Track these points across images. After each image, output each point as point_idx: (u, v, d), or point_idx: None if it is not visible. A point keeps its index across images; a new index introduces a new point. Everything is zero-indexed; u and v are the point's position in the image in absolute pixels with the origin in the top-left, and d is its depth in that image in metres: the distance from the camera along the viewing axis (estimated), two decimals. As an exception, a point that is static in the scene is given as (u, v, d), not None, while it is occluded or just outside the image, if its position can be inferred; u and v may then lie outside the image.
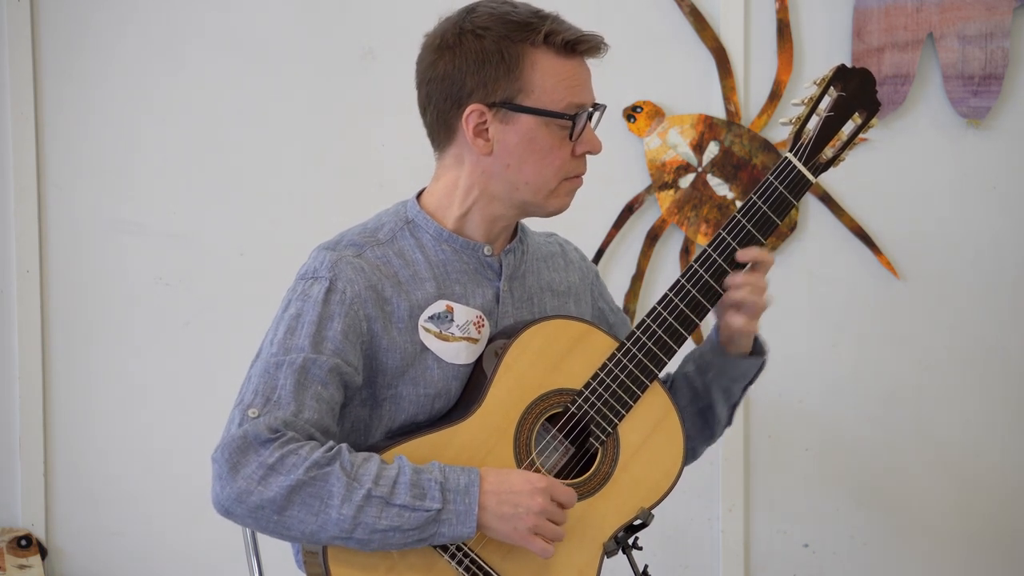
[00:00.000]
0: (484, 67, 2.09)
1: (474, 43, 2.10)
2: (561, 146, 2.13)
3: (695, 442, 2.34)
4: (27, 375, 3.23)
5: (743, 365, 2.26)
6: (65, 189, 3.25)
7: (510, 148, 2.11)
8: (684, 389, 2.32)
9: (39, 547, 3.21)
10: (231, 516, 2.00)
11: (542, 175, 2.13)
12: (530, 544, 2.02)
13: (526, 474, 2.03)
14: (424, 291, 2.13)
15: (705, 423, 2.32)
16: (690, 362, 2.32)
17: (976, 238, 3.38)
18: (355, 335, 2.09)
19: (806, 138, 2.19)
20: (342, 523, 1.97)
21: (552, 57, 2.10)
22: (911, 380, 3.39)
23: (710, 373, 2.28)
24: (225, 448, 1.99)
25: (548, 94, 2.10)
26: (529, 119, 2.10)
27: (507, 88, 2.09)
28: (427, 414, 2.13)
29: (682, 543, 3.37)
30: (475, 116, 2.10)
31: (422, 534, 1.99)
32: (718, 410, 2.31)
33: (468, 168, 2.15)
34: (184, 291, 3.28)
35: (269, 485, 1.97)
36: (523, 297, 2.22)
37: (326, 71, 3.29)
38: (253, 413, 2.01)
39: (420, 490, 1.99)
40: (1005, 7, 3.30)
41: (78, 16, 3.25)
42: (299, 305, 2.09)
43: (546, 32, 2.09)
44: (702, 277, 2.17)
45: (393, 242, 2.17)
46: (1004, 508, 3.42)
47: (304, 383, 2.03)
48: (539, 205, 2.16)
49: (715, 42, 3.31)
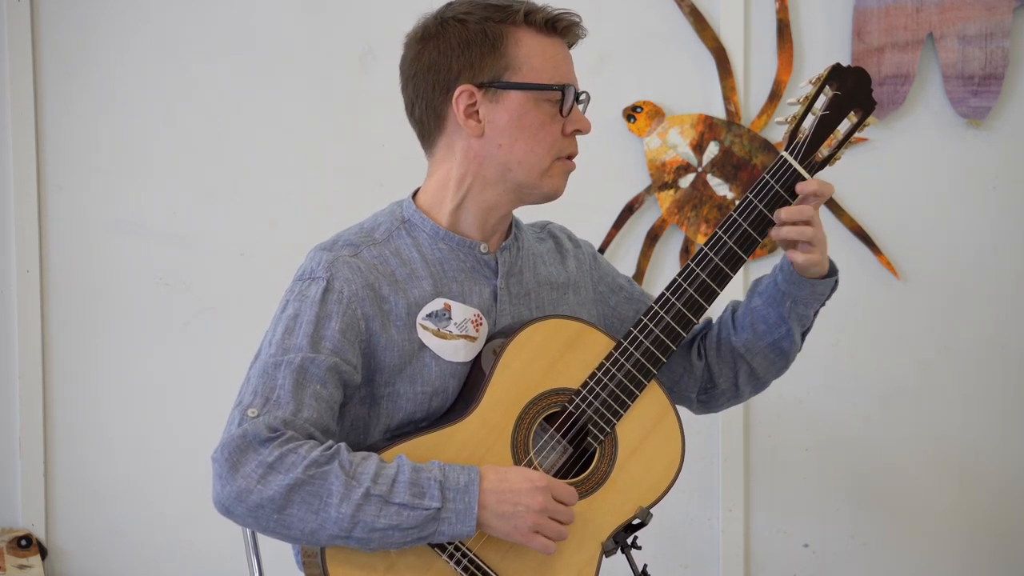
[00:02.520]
0: (469, 48, 2.11)
1: (457, 28, 2.12)
2: (552, 122, 2.14)
3: (767, 375, 2.34)
4: (27, 375, 3.24)
5: (820, 287, 2.24)
6: (65, 189, 3.25)
7: (501, 127, 2.13)
8: (756, 325, 2.29)
9: (39, 547, 3.21)
10: (231, 516, 2.00)
11: (535, 152, 2.14)
12: (531, 542, 2.02)
13: (526, 472, 2.03)
14: (421, 289, 2.14)
15: (780, 354, 2.31)
16: (756, 296, 2.30)
17: (976, 238, 3.38)
18: (353, 334, 2.09)
19: (802, 137, 2.19)
20: (341, 521, 1.97)
21: (534, 35, 2.13)
22: (911, 380, 3.39)
23: (786, 303, 2.26)
24: (225, 447, 1.99)
25: (535, 70, 2.12)
26: (518, 96, 2.12)
27: (493, 67, 2.11)
28: (424, 412, 2.14)
29: (682, 543, 3.37)
30: (465, 97, 2.12)
31: (421, 532, 1.99)
32: (795, 337, 2.29)
33: (460, 155, 2.16)
34: (184, 291, 3.28)
35: (268, 484, 1.97)
36: (520, 294, 2.22)
37: (326, 71, 3.29)
38: (252, 413, 2.01)
39: (419, 488, 1.99)
40: (1005, 7, 3.30)
41: (78, 16, 3.25)
42: (297, 305, 2.10)
43: (526, 11, 2.13)
44: (699, 277, 2.17)
45: (389, 241, 2.17)
46: (1003, 508, 3.42)
47: (303, 382, 2.04)
48: (533, 186, 2.16)
49: (715, 42, 3.31)
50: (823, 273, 2.25)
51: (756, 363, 2.32)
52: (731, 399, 2.39)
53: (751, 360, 2.32)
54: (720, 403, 2.40)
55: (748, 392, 2.37)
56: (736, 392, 2.37)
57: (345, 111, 3.30)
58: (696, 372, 2.36)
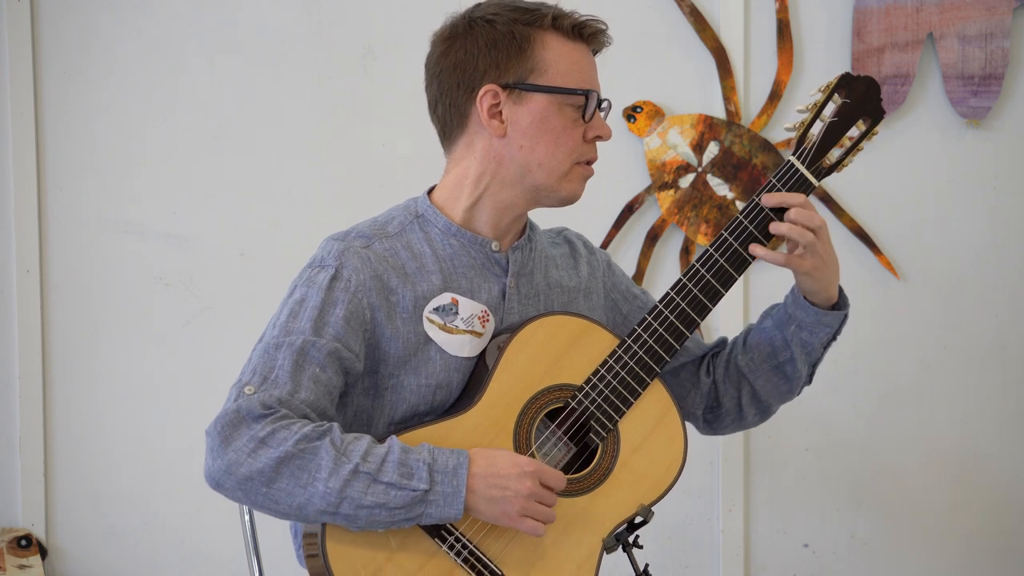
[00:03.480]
0: (496, 48, 2.13)
1: (485, 28, 2.14)
2: (574, 128, 2.15)
3: (770, 400, 2.35)
4: (27, 375, 3.23)
5: (824, 318, 2.25)
6: (65, 189, 3.25)
7: (523, 129, 2.14)
8: (762, 346, 2.31)
9: (39, 547, 3.21)
10: (221, 489, 2.01)
11: (555, 156, 2.15)
12: (519, 525, 2.03)
13: (514, 457, 2.04)
14: (430, 283, 2.15)
15: (783, 378, 2.32)
16: (768, 318, 2.32)
17: (976, 238, 3.38)
18: (357, 322, 2.10)
19: (809, 143, 2.20)
20: (328, 496, 1.98)
21: (561, 39, 2.15)
22: (911, 380, 3.39)
23: (791, 327, 2.27)
24: (218, 422, 2.01)
25: (560, 75, 2.14)
26: (542, 99, 2.13)
27: (519, 68, 2.13)
28: (428, 405, 2.15)
29: (682, 543, 3.37)
30: (489, 96, 2.14)
31: (409, 513, 2.00)
32: (799, 365, 2.30)
33: (480, 154, 2.17)
34: (184, 291, 3.28)
35: (259, 457, 1.98)
36: (530, 294, 2.23)
37: (326, 71, 3.29)
38: (249, 390, 2.04)
39: (408, 469, 2.00)
40: (1005, 7, 3.30)
41: (78, 16, 3.25)
42: (303, 291, 2.12)
43: (554, 15, 2.15)
44: (704, 276, 2.18)
45: (402, 235, 2.19)
46: (1003, 508, 3.42)
47: (302, 364, 2.05)
48: (552, 189, 2.17)
49: (715, 42, 3.31)
50: (830, 300, 2.26)
51: (759, 384, 2.33)
52: (735, 421, 2.39)
53: (754, 381, 2.33)
54: (724, 424, 2.40)
55: (752, 415, 2.37)
56: (740, 414, 2.37)
57: (345, 111, 3.30)
58: (703, 389, 2.38)
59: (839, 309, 2.28)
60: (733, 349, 2.36)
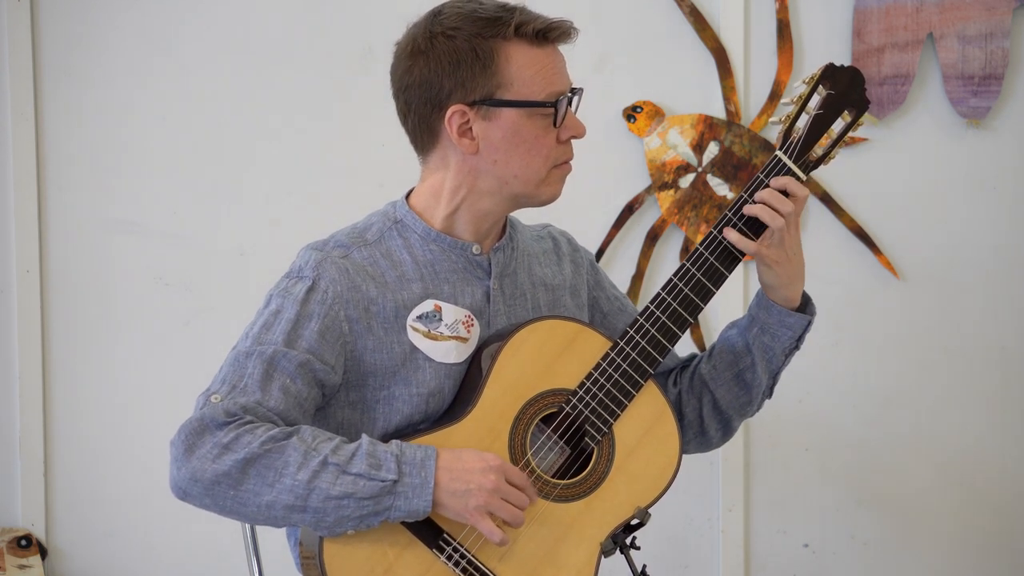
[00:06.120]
0: (460, 67, 2.09)
1: (446, 44, 2.09)
2: (546, 134, 2.12)
3: (731, 411, 2.31)
4: (27, 375, 3.24)
5: (787, 319, 2.22)
6: (65, 189, 3.26)
7: (496, 144, 2.11)
8: (725, 354, 2.28)
9: (39, 547, 3.22)
10: (188, 498, 2.00)
11: (531, 166, 2.13)
12: (479, 523, 2.01)
13: (480, 453, 2.03)
14: (410, 291, 2.14)
15: (743, 388, 2.29)
16: (732, 326, 2.30)
17: (976, 238, 3.38)
18: (333, 336, 2.09)
19: (796, 136, 2.19)
20: (296, 488, 1.97)
21: (525, 48, 2.10)
22: (911, 380, 3.39)
23: (753, 330, 2.25)
24: (182, 431, 2.01)
25: (527, 85, 2.10)
26: (511, 113, 2.10)
27: (485, 85, 2.09)
28: (423, 414, 2.13)
29: (682, 543, 3.37)
30: (457, 117, 2.11)
31: (377, 505, 1.98)
32: (759, 371, 2.26)
33: (454, 168, 2.15)
34: (184, 291, 3.28)
35: (223, 461, 1.97)
36: (515, 294, 2.22)
37: (326, 70, 3.29)
38: (216, 399, 2.03)
39: (376, 460, 1.99)
40: (1005, 7, 3.29)
41: (78, 16, 3.25)
42: (279, 302, 2.11)
43: (516, 24, 2.09)
44: (695, 276, 2.17)
45: (381, 242, 2.17)
46: (1003, 508, 3.42)
47: (271, 374, 2.04)
48: (531, 196, 2.15)
49: (715, 42, 3.31)
50: (791, 302, 2.23)
51: (719, 393, 2.29)
52: (697, 436, 2.34)
53: (715, 390, 2.29)
54: (687, 439, 2.34)
55: (713, 430, 2.32)
56: (701, 427, 2.32)
57: (345, 111, 3.30)
58: (669, 400, 2.34)
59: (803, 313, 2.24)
60: (700, 359, 2.33)
